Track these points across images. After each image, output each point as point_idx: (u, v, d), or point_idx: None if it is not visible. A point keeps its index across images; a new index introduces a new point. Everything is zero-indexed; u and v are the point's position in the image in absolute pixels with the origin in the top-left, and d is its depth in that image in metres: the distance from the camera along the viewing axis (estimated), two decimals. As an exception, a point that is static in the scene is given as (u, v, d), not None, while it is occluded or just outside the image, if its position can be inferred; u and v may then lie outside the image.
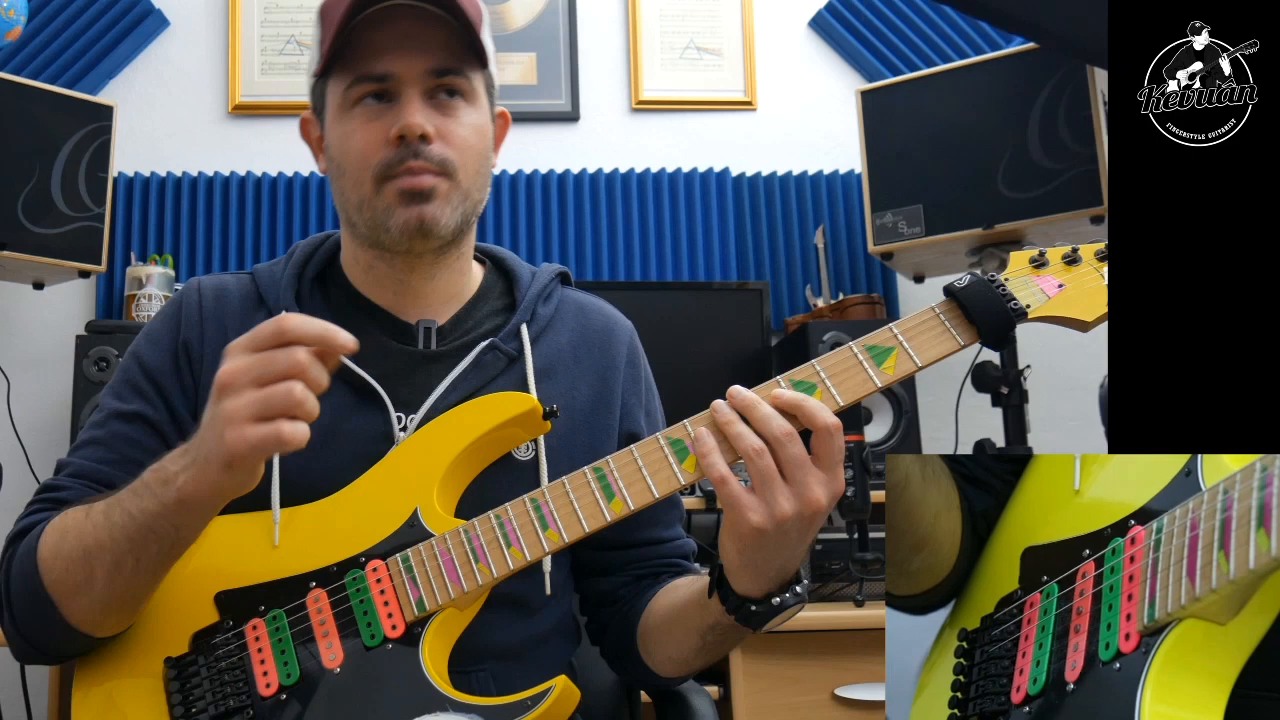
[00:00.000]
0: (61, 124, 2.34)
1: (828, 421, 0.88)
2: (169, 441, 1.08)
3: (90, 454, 1.09)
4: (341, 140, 1.10)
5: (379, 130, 1.07)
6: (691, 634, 1.04)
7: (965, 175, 2.36)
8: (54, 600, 0.98)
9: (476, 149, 1.11)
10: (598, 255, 2.76)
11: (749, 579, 0.94)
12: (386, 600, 0.98)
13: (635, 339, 1.24)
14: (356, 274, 1.17)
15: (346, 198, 1.12)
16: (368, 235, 1.11)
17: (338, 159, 1.11)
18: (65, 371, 2.33)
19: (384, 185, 1.07)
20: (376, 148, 1.07)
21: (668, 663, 1.11)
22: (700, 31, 2.91)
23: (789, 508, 0.88)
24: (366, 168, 1.07)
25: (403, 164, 1.06)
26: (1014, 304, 0.95)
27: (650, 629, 1.11)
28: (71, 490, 1.07)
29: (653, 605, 1.11)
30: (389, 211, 1.07)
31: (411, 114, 1.06)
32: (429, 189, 1.07)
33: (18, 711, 2.31)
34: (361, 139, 1.08)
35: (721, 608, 0.97)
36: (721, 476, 0.90)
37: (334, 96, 1.11)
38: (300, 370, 0.86)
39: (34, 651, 1.02)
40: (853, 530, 1.91)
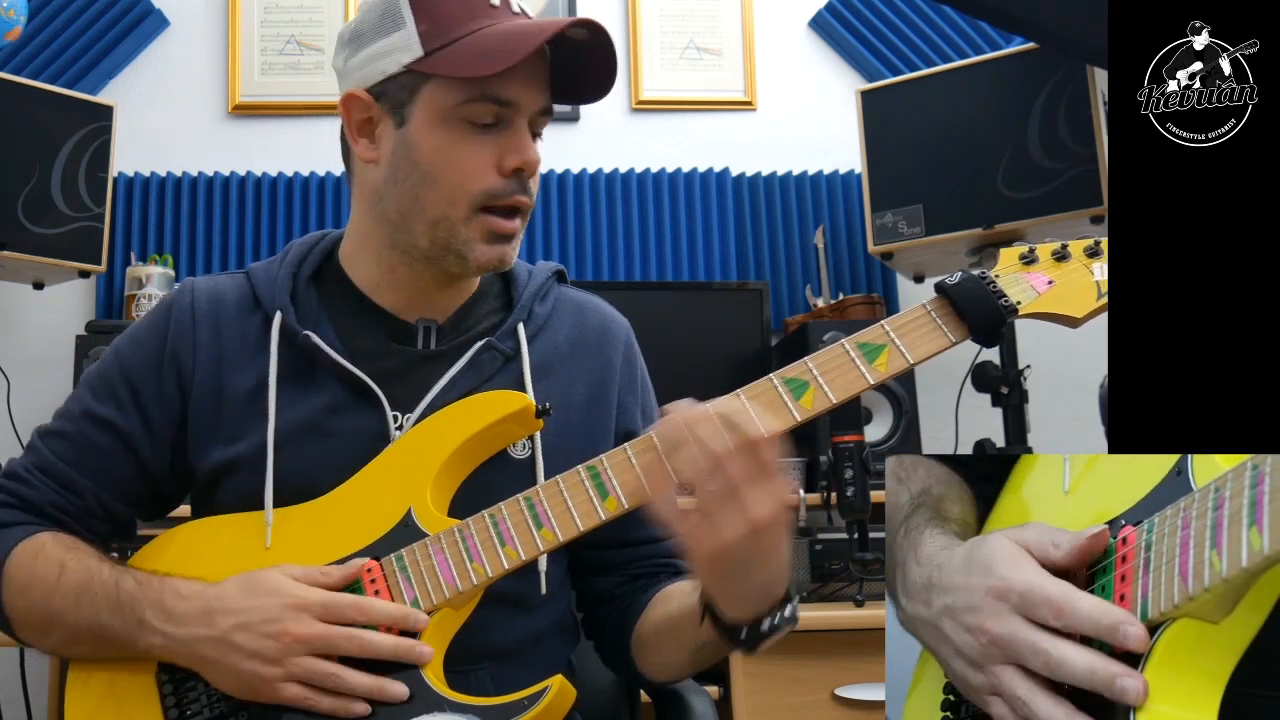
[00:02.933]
0: (61, 124, 2.34)
1: (759, 433, 0.84)
2: (135, 448, 1.10)
3: (58, 449, 1.10)
4: (440, 152, 1.05)
5: (490, 155, 1.05)
6: (683, 648, 1.05)
7: (965, 175, 2.36)
8: (11, 623, 1.06)
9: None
10: (598, 255, 2.76)
11: (733, 604, 0.93)
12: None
13: (631, 337, 1.24)
14: (362, 273, 1.15)
15: (421, 208, 1.06)
16: (425, 250, 1.08)
17: (428, 167, 1.05)
18: (65, 371, 2.33)
19: (478, 215, 1.05)
20: (485, 173, 1.04)
21: (661, 669, 1.12)
22: (700, 31, 2.91)
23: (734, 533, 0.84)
24: (468, 191, 1.04)
25: (511, 196, 1.05)
26: (1004, 300, 0.95)
27: (644, 637, 1.11)
28: (37, 489, 1.09)
29: (648, 613, 1.11)
30: (470, 244, 1.06)
31: (530, 149, 1.06)
32: (513, 233, 1.08)
33: (18, 711, 2.31)
34: (471, 160, 1.04)
35: (713, 630, 0.96)
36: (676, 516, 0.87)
37: (439, 100, 1.04)
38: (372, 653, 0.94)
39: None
40: (853, 530, 1.92)
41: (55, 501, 1.09)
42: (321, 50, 2.80)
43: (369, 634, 0.95)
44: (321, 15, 2.82)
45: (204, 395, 1.09)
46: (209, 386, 1.10)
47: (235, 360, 1.10)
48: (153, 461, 1.10)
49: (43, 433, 1.13)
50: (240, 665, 0.94)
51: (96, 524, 1.11)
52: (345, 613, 0.95)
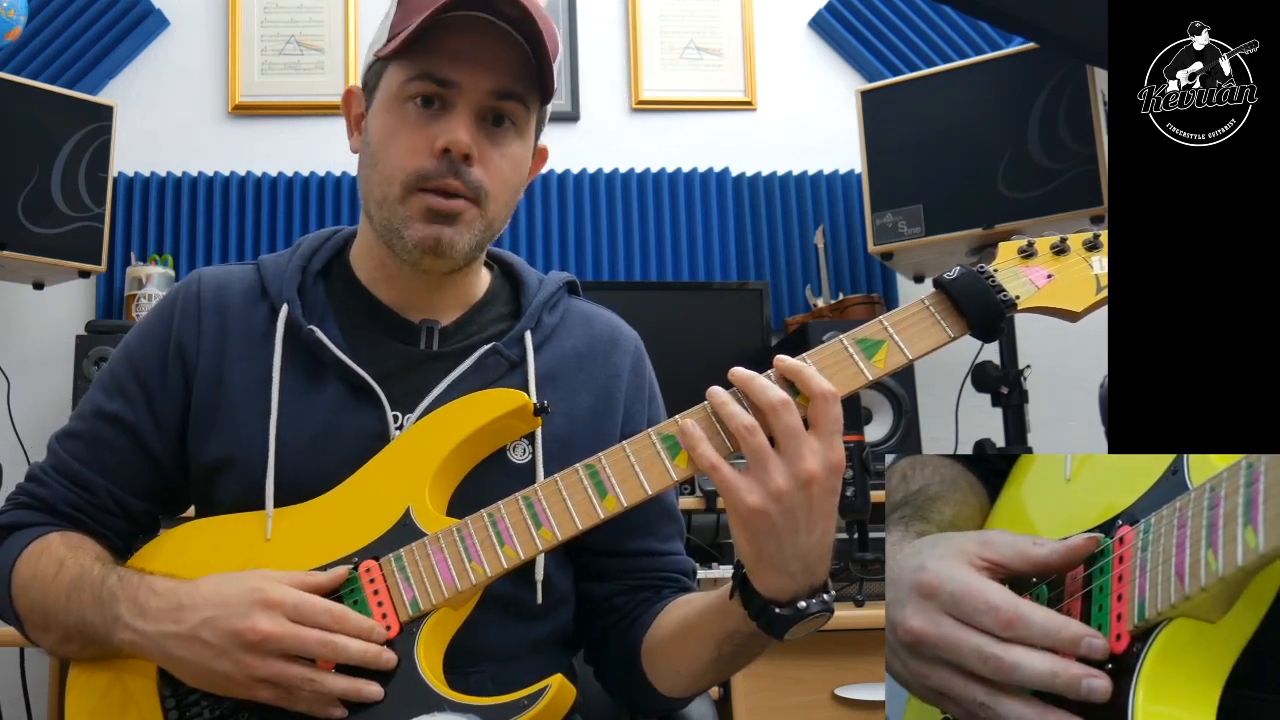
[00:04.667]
0: (61, 124, 2.34)
1: (824, 388, 0.86)
2: (145, 442, 1.10)
3: (73, 449, 1.11)
4: (383, 132, 1.06)
5: (425, 136, 1.04)
6: (707, 643, 1.00)
7: (965, 175, 2.36)
8: (20, 619, 1.07)
9: (511, 182, 1.09)
10: (598, 255, 2.76)
11: (771, 576, 0.89)
12: (380, 600, 0.98)
13: (641, 349, 1.22)
14: (366, 269, 1.15)
15: (371, 190, 1.08)
16: (380, 234, 1.09)
17: (374, 148, 1.07)
18: (65, 371, 2.33)
19: (413, 195, 1.05)
20: (417, 154, 1.04)
21: (675, 678, 1.06)
22: (700, 31, 2.91)
23: (783, 482, 0.84)
24: (401, 170, 1.04)
25: (441, 179, 1.04)
26: (1003, 295, 0.94)
27: (659, 641, 1.07)
28: (52, 489, 1.10)
29: (662, 618, 1.08)
30: (408, 223, 1.05)
31: (460, 129, 1.03)
32: (457, 213, 1.05)
33: (18, 710, 2.31)
34: (405, 140, 1.04)
35: (743, 611, 0.92)
36: (711, 464, 0.87)
37: (390, 83, 1.06)
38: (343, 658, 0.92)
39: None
40: (853, 530, 1.92)
41: (70, 500, 1.09)
42: (322, 50, 2.80)
43: (339, 638, 0.93)
44: (321, 15, 2.81)
45: (206, 383, 1.09)
46: (211, 375, 1.09)
47: (238, 350, 1.10)
48: (164, 455, 1.10)
49: (59, 435, 1.13)
50: (210, 664, 0.93)
51: (114, 521, 1.10)
52: (318, 617, 0.93)
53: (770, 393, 0.86)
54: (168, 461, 1.11)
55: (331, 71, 2.76)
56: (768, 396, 0.86)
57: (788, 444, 0.85)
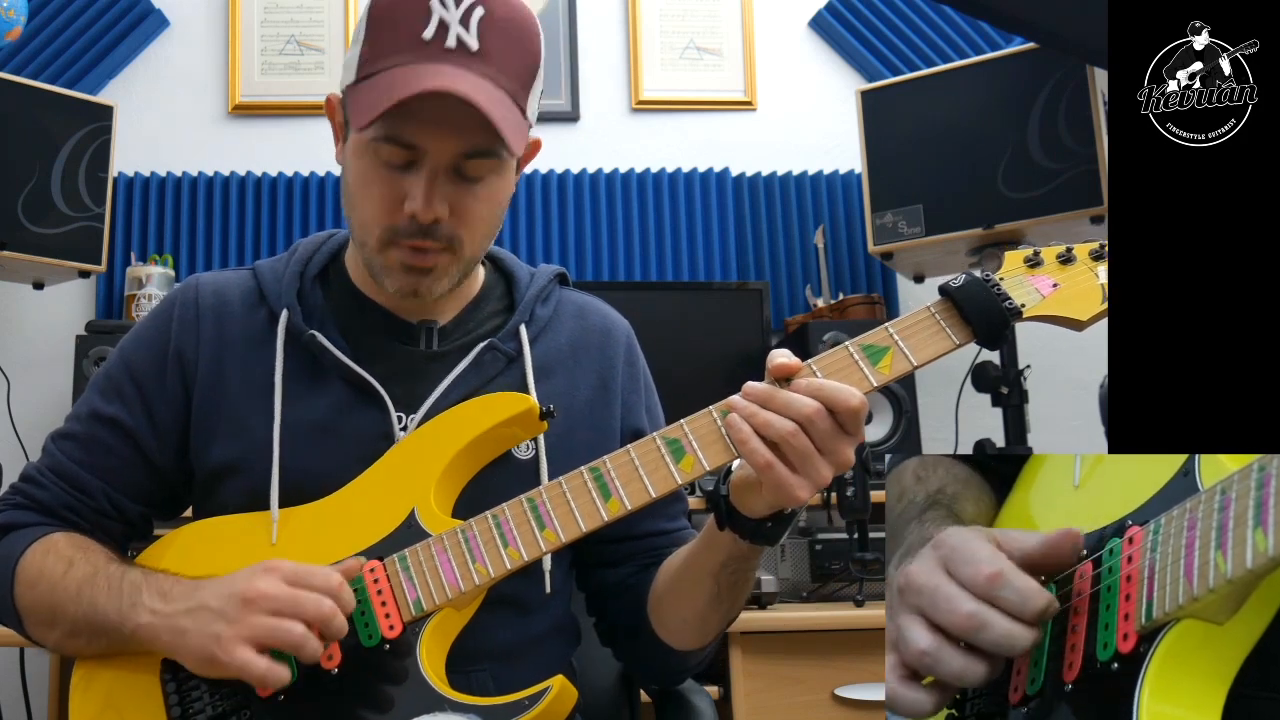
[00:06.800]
0: (61, 124, 2.34)
1: (854, 404, 0.89)
2: (142, 446, 1.10)
3: (68, 450, 1.11)
4: (357, 178, 1.05)
5: (395, 191, 1.02)
6: (705, 580, 1.04)
7: (965, 175, 2.36)
8: (20, 618, 1.06)
9: (489, 220, 1.08)
10: (598, 255, 2.76)
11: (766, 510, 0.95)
12: (384, 600, 0.98)
13: (633, 338, 1.24)
14: (361, 273, 1.16)
15: (352, 227, 1.10)
16: (366, 268, 1.10)
17: (350, 189, 1.07)
18: (65, 371, 2.33)
19: (389, 248, 1.05)
20: (390, 211, 1.03)
21: (683, 626, 1.09)
22: (700, 31, 2.91)
23: (828, 474, 0.90)
24: (376, 224, 1.04)
25: (413, 239, 1.03)
26: (1009, 303, 0.94)
27: (660, 594, 1.10)
28: (49, 491, 1.10)
29: (659, 576, 1.11)
30: (387, 271, 1.06)
31: (423, 198, 1.01)
32: (430, 266, 1.05)
33: (17, 710, 2.31)
34: (377, 192, 1.03)
35: (732, 537, 0.98)
36: (767, 462, 0.89)
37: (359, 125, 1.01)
38: (324, 621, 0.94)
39: None
40: (853, 530, 1.92)
41: (67, 503, 1.09)
42: (322, 50, 2.80)
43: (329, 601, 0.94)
44: (321, 15, 2.81)
45: (206, 389, 1.10)
46: (211, 381, 1.10)
47: (238, 356, 1.10)
48: (161, 459, 1.11)
49: (55, 435, 1.14)
50: (206, 627, 0.94)
51: (109, 524, 1.11)
52: (314, 580, 0.95)
53: (803, 404, 0.90)
54: (164, 466, 1.11)
55: (331, 71, 2.76)
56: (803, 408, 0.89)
57: (828, 444, 0.90)
